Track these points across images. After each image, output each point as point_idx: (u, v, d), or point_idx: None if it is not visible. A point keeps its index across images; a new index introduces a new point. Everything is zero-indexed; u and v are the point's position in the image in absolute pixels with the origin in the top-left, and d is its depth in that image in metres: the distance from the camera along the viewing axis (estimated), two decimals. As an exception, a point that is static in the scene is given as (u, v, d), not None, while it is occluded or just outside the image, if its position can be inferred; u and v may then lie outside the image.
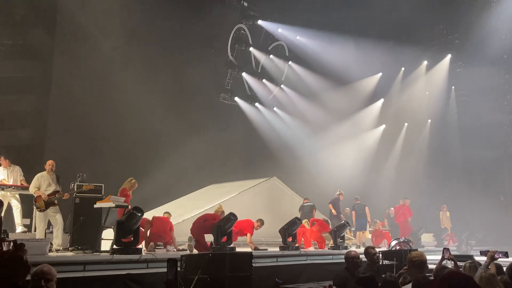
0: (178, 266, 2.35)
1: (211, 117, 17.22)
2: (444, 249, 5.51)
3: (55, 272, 2.97)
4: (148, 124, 15.42)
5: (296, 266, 9.17)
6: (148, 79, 15.41)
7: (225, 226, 8.76)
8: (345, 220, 12.72)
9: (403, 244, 10.50)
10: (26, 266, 1.63)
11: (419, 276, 3.89)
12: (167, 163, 14.62)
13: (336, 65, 18.58)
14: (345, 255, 6.48)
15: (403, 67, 21.08)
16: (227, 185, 15.72)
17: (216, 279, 5.83)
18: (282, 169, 17.39)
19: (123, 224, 7.66)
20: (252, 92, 19.56)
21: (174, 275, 2.24)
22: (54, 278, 2.88)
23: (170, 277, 2.25)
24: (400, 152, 21.28)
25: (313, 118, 19.51)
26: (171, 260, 2.29)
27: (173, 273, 2.25)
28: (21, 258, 1.63)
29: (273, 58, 19.74)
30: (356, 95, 20.51)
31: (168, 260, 2.29)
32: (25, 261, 1.63)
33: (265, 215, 11.49)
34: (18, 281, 1.59)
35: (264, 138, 18.78)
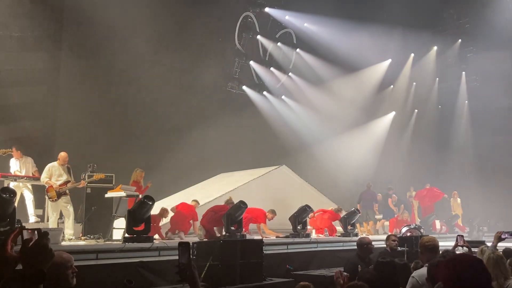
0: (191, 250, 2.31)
1: (220, 107, 17.20)
2: (458, 236, 5.49)
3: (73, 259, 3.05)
4: (158, 114, 15.45)
5: (307, 253, 9.20)
6: (158, 69, 15.40)
7: (235, 214, 8.80)
8: (355, 208, 12.71)
9: (414, 230, 10.47)
10: (51, 254, 1.71)
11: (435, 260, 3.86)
12: (177, 153, 14.65)
13: (345, 52, 18.41)
14: (358, 241, 6.49)
15: (413, 53, 20.85)
16: (236, 173, 15.75)
17: (228, 266, 5.87)
18: (291, 157, 17.37)
19: (134, 213, 7.72)
20: (260, 81, 19.48)
21: (187, 259, 2.22)
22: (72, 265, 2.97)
23: (183, 260, 2.22)
24: (411, 139, 21.14)
25: (321, 106, 19.39)
26: (183, 244, 2.27)
27: (186, 257, 2.23)
28: (46, 245, 1.70)
29: (281, 46, 19.61)
30: (365, 82, 20.35)
31: (180, 243, 2.27)
32: (50, 249, 1.71)
33: (274, 203, 11.52)
34: (43, 268, 1.65)
35: (272, 126, 18.72)
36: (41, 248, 1.68)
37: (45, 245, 1.70)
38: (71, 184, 8.86)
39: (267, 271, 6.88)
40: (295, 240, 9.85)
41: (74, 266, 3.00)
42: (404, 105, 21.50)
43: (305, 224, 10.86)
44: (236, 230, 8.66)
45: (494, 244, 4.92)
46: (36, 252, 1.66)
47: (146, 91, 15.08)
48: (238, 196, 10.38)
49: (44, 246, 1.69)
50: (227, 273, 5.75)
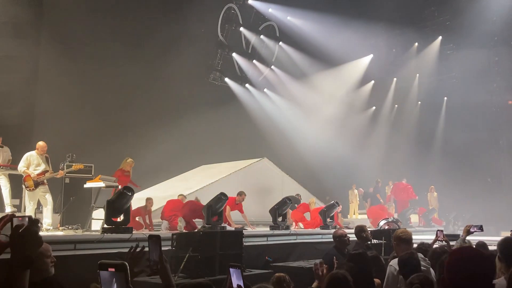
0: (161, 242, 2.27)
1: (201, 98, 17.13)
2: (438, 231, 5.62)
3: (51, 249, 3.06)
4: (139, 105, 15.31)
5: (286, 245, 9.30)
6: (138, 59, 15.23)
7: (216, 206, 8.82)
8: (334, 201, 12.84)
9: (391, 223, 10.65)
10: (40, 241, 1.75)
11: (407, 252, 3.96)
12: (158, 144, 14.57)
13: (327, 46, 18.49)
14: (333, 234, 6.58)
15: (394, 48, 21.05)
16: (218, 165, 15.76)
17: (207, 257, 5.88)
18: (273, 150, 17.44)
19: (113, 204, 7.66)
20: (243, 73, 19.46)
21: (159, 252, 2.18)
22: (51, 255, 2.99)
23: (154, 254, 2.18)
24: (390, 134, 21.41)
25: (303, 99, 19.50)
26: (154, 237, 2.22)
27: (157, 250, 2.19)
28: (36, 232, 1.72)
29: (264, 39, 19.60)
30: (346, 77, 20.50)
31: (150, 236, 2.22)
32: (39, 236, 1.74)
33: (255, 196, 11.58)
34: (31, 254, 1.69)
35: (254, 119, 18.76)
36: (31, 234, 1.70)
37: (35, 232, 1.72)
38: (49, 173, 8.73)
39: (246, 262, 6.93)
40: (275, 232, 9.92)
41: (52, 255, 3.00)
42: (384, 100, 21.74)
43: (285, 216, 10.95)
44: (216, 221, 8.68)
45: (463, 237, 5.07)
46: (26, 239, 1.69)
47: (126, 82, 14.91)
48: (219, 188, 10.41)
49: (34, 233, 1.71)
50: (206, 265, 5.77)
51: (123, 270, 1.67)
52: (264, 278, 6.56)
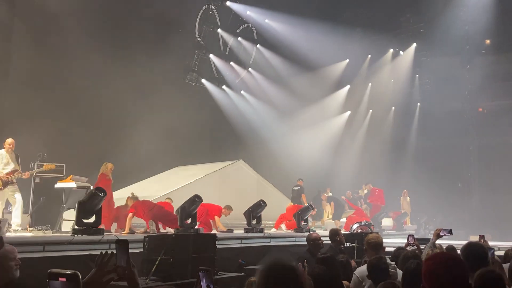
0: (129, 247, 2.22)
1: (177, 99, 16.97)
2: (409, 236, 5.70)
3: (16, 251, 2.96)
4: (112, 104, 15.04)
5: (260, 248, 9.28)
6: (113, 58, 15.00)
7: (189, 208, 8.74)
8: (309, 204, 12.92)
9: (364, 227, 10.77)
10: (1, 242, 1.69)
11: (375, 257, 4.02)
12: (132, 145, 14.38)
13: (304, 50, 18.63)
14: (307, 237, 6.62)
15: (370, 54, 21.35)
16: (192, 167, 15.67)
17: (180, 260, 5.83)
18: (248, 153, 17.44)
19: (84, 205, 7.51)
20: (220, 75, 19.40)
21: (126, 257, 2.13)
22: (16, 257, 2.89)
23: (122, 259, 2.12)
24: (364, 139, 21.69)
25: (280, 102, 19.57)
26: (121, 241, 2.16)
27: (124, 255, 2.13)
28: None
29: (241, 41, 19.59)
30: (323, 81, 20.67)
31: (117, 241, 2.16)
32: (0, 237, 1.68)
33: (230, 198, 11.55)
34: None
35: (230, 121, 18.72)
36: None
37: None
38: (17, 174, 8.51)
39: (220, 265, 6.89)
40: (249, 234, 9.91)
41: (17, 258, 2.91)
42: (359, 105, 22.03)
43: (259, 219, 10.94)
44: (190, 224, 8.61)
45: (433, 241, 5.16)
46: None
47: (101, 81, 14.66)
48: (194, 190, 10.32)
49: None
50: (179, 267, 5.71)
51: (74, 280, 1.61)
52: (237, 281, 6.55)
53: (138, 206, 9.10)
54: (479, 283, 2.48)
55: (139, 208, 9.10)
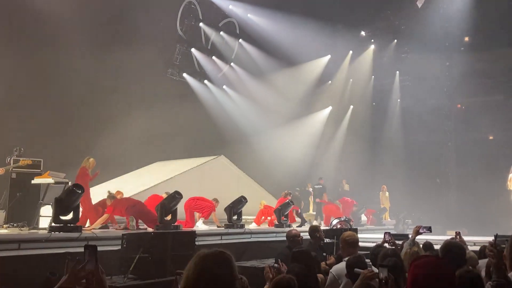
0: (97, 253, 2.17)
1: (158, 93, 16.81)
2: (385, 233, 5.75)
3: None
4: (91, 99, 14.82)
5: (240, 244, 9.29)
6: (92, 51, 14.74)
7: (169, 204, 8.68)
8: (289, 200, 12.96)
9: (343, 223, 10.86)
10: None
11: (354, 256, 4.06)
12: (112, 139, 14.19)
13: (286, 45, 18.62)
14: (287, 234, 6.64)
15: (351, 50, 21.47)
16: (173, 162, 15.56)
17: (158, 258, 5.78)
18: (230, 148, 17.39)
19: (62, 201, 7.39)
20: (201, 69, 19.27)
21: (95, 263, 2.09)
22: None
23: (90, 265, 2.08)
24: (345, 134, 21.86)
25: (261, 97, 19.54)
26: (90, 247, 2.12)
27: (93, 261, 2.09)
28: None
29: (224, 35, 19.48)
30: (305, 77, 20.73)
31: (86, 246, 2.12)
32: None
33: (211, 194, 11.51)
34: None
35: (212, 116, 18.62)
36: None
37: None
38: (-9, 169, 8.33)
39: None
40: (229, 230, 9.90)
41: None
42: (340, 100, 22.17)
43: (240, 214, 10.94)
44: (170, 220, 8.56)
45: (413, 237, 5.22)
46: None
47: (80, 74, 14.40)
48: (174, 185, 10.27)
49: None
50: (157, 265, 5.67)
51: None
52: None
53: (116, 205, 8.98)
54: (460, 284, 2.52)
55: (117, 207, 8.98)
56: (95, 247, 2.15)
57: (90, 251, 2.11)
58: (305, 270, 3.89)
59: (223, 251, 2.10)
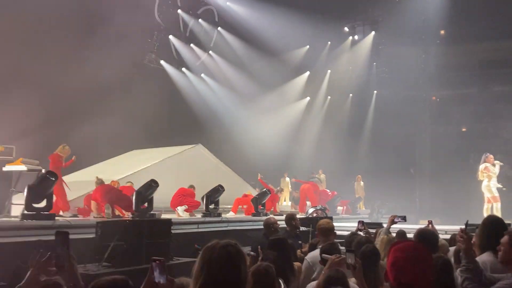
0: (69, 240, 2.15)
1: (135, 80, 16.55)
2: (359, 222, 5.84)
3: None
4: (66, 84, 14.48)
5: (217, 233, 9.28)
6: (68, 36, 14.41)
7: (146, 193, 8.61)
8: (266, 189, 13.02)
9: (319, 211, 10.98)
10: None
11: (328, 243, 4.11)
12: (87, 127, 13.96)
13: (265, 34, 18.55)
14: (264, 222, 6.67)
15: (330, 41, 21.54)
16: (149, 151, 15.39)
17: (134, 246, 5.74)
18: (208, 137, 17.32)
19: (34, 189, 7.25)
20: (179, 57, 19.06)
21: (66, 249, 2.06)
22: None
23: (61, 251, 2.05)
24: (323, 124, 22.01)
25: (240, 87, 19.48)
26: (61, 233, 2.09)
27: (64, 247, 2.06)
28: None
29: (202, 23, 19.28)
30: (283, 66, 20.73)
31: (57, 232, 2.09)
32: None
33: (189, 183, 11.46)
34: None
35: (189, 104, 18.48)
36: None
37: None
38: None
39: (175, 250, 6.84)
40: (206, 219, 9.89)
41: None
42: (318, 91, 22.27)
43: (217, 203, 10.94)
44: (146, 209, 8.49)
45: (388, 227, 5.33)
46: None
47: (55, 60, 14.05)
48: (150, 174, 10.18)
49: None
50: (132, 254, 5.63)
51: None
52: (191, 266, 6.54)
53: (98, 191, 8.87)
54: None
55: (99, 193, 8.88)
56: (66, 233, 2.13)
57: (61, 238, 2.08)
58: (282, 258, 3.92)
59: None
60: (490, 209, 10.88)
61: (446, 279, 2.83)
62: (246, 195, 13.09)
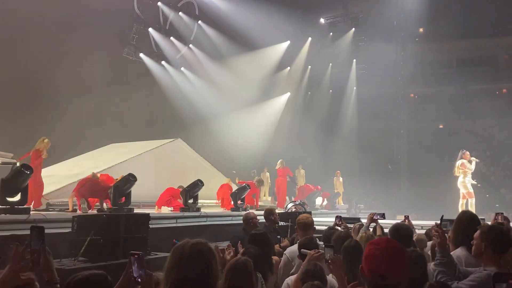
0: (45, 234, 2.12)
1: (113, 73, 16.26)
2: (337, 216, 5.88)
3: None
4: (43, 77, 14.18)
5: (196, 227, 9.26)
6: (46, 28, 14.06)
7: (123, 187, 8.51)
8: (246, 183, 13.01)
9: (298, 206, 11.02)
10: None
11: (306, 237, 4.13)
12: (64, 120, 13.70)
13: (246, 29, 18.46)
14: (244, 217, 6.66)
15: (310, 37, 21.60)
16: (128, 144, 15.22)
17: (111, 240, 5.67)
18: (187, 131, 17.20)
19: (8, 182, 7.09)
20: (159, 50, 18.83)
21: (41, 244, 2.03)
22: None
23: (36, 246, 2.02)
24: (302, 120, 22.09)
25: (220, 81, 19.37)
26: (37, 228, 2.06)
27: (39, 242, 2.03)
28: None
29: (182, 16, 19.07)
30: (264, 61, 20.69)
31: (32, 227, 2.06)
32: None
33: (168, 177, 11.40)
34: None
35: (169, 98, 18.30)
36: None
37: None
38: None
39: (153, 245, 6.78)
40: (185, 214, 9.84)
41: None
42: (298, 87, 22.34)
43: (196, 198, 10.88)
44: (123, 203, 8.39)
45: (367, 224, 5.37)
46: None
47: (32, 51, 13.73)
48: (129, 168, 10.06)
49: None
50: (109, 248, 5.56)
51: None
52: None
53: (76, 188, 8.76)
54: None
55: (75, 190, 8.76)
56: (42, 228, 2.10)
57: (36, 232, 2.05)
58: (261, 252, 3.92)
59: None
60: (464, 204, 11.11)
61: (420, 273, 2.87)
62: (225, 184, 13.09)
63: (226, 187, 13.16)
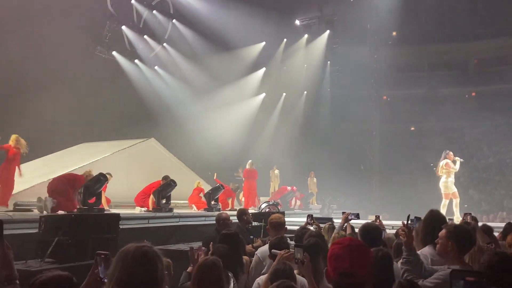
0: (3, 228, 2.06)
1: (85, 71, 15.97)
2: (308, 216, 5.92)
3: None
4: (12, 73, 13.80)
5: (168, 228, 9.17)
6: (15, 24, 13.69)
7: (94, 187, 8.33)
8: (220, 184, 12.96)
9: (272, 206, 11.05)
10: None
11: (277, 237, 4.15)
12: (32, 117, 13.35)
13: (221, 29, 18.43)
14: (216, 217, 6.63)
15: (286, 38, 21.70)
16: (100, 144, 14.95)
17: (79, 241, 5.55)
18: (161, 131, 17.01)
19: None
20: (132, 48, 18.60)
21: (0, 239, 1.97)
22: None
23: None
24: (277, 121, 22.18)
25: (195, 80, 19.27)
26: None
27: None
28: None
29: (157, 14, 18.88)
30: (239, 62, 20.68)
31: None
32: None
33: (140, 177, 11.25)
34: None
35: (142, 97, 18.09)
36: None
37: None
38: None
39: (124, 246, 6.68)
40: (157, 214, 9.73)
41: None
42: (274, 87, 22.41)
43: (169, 198, 10.77)
44: (93, 203, 8.22)
45: (341, 224, 5.42)
46: None
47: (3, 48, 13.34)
48: (101, 168, 9.86)
49: None
50: (77, 249, 5.44)
51: None
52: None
53: None
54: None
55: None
56: (0, 222, 2.03)
57: None
58: (231, 251, 3.91)
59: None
60: (447, 205, 10.83)
61: (385, 271, 2.91)
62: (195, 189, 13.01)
63: (196, 191, 13.01)
